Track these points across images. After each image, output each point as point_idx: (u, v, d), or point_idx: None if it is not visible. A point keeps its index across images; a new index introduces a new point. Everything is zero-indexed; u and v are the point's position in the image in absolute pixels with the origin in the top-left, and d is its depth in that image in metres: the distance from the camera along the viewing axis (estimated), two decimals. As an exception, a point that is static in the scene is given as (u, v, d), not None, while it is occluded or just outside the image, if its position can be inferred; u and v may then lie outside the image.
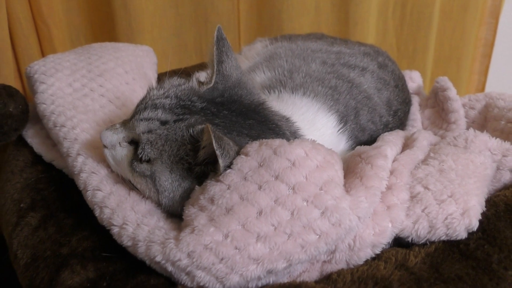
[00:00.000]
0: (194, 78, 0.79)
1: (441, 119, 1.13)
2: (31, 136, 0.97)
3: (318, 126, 0.89)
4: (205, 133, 0.67)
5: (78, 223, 0.79)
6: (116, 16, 1.59)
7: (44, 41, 1.55)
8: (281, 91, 0.97)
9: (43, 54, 1.56)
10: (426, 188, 0.74)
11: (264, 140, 0.70)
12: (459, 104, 1.11)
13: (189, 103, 0.74)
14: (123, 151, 0.75)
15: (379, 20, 1.98)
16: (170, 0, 1.67)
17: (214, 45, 0.78)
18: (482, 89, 2.43)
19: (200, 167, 0.71)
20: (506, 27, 2.28)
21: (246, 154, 0.68)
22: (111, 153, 0.76)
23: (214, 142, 0.64)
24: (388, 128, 1.00)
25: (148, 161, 0.72)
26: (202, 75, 1.21)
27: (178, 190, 0.72)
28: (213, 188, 0.66)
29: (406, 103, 1.09)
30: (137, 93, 1.06)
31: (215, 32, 0.79)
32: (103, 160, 0.79)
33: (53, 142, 0.93)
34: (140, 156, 0.72)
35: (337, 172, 0.69)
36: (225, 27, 1.77)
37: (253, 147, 0.69)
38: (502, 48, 2.33)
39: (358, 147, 0.81)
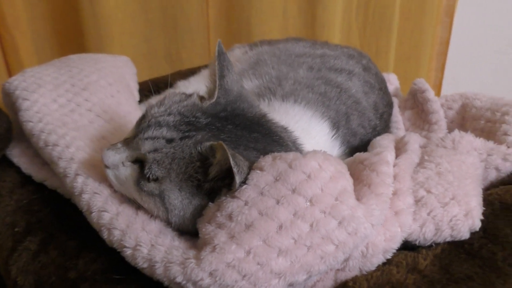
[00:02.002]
0: (195, 94, 0.78)
1: (421, 120, 1.16)
2: (17, 155, 0.93)
3: (313, 134, 0.91)
4: (218, 150, 0.67)
5: (82, 244, 0.76)
6: (84, 24, 1.56)
7: (9, 51, 1.50)
8: (271, 99, 0.98)
9: (7, 65, 1.51)
10: (429, 191, 0.76)
11: (276, 154, 0.71)
12: (438, 105, 1.15)
13: (193, 119, 0.74)
14: (127, 171, 0.74)
15: (344, 22, 2.03)
16: (139, 7, 1.65)
17: (215, 60, 0.78)
18: (439, 85, 2.53)
19: (209, 183, 0.71)
20: (460, 26, 2.38)
21: (261, 169, 0.68)
22: (114, 173, 0.74)
23: (231, 159, 0.64)
24: (376, 131, 1.03)
25: (156, 180, 0.71)
26: (184, 84, 1.21)
27: (188, 207, 0.71)
28: (230, 204, 0.66)
29: (390, 105, 1.12)
30: (123, 106, 1.04)
31: (216, 47, 0.78)
32: (104, 180, 0.77)
33: (42, 161, 0.90)
34: (148, 175, 0.71)
35: (349, 181, 0.70)
36: (195, 32, 1.77)
37: (267, 161, 0.69)
38: (456, 46, 2.42)
39: (358, 153, 0.83)
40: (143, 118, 0.77)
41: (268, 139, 0.77)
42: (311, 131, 0.91)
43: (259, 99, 0.98)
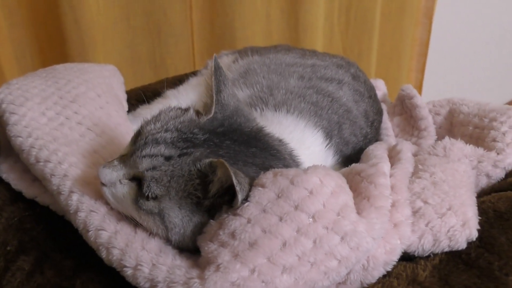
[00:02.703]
0: (191, 109, 0.78)
1: (410, 126, 1.18)
2: (5, 171, 0.91)
3: (307, 144, 0.91)
4: (219, 168, 0.66)
5: (79, 264, 0.75)
6: (66, 31, 1.53)
7: (-12, 60, 1.46)
8: (263, 109, 0.97)
9: (-13, 74, 1.47)
10: (425, 202, 0.77)
11: (277, 170, 0.70)
12: (427, 111, 1.16)
13: (191, 135, 0.73)
14: (124, 189, 0.73)
15: (326, 25, 2.04)
16: (121, 12, 1.63)
17: (212, 75, 0.77)
18: (420, 86, 2.56)
19: (209, 200, 0.70)
20: (439, 27, 2.41)
21: (263, 186, 0.68)
22: (111, 191, 0.73)
23: (233, 177, 0.63)
24: (367, 139, 1.03)
25: (155, 198, 0.70)
26: (173, 94, 1.20)
27: (188, 225, 0.70)
28: (233, 222, 0.65)
29: (380, 113, 1.13)
30: (113, 118, 1.02)
31: (212, 62, 0.77)
32: (100, 197, 0.76)
33: (32, 176, 0.88)
34: (147, 194, 0.70)
35: (349, 196, 0.70)
36: (178, 37, 1.75)
37: (268, 178, 0.69)
38: (436, 47, 2.46)
39: (354, 164, 0.83)
40: (138, 134, 0.76)
41: (266, 154, 0.76)
42: (305, 142, 0.91)
43: (251, 109, 0.98)
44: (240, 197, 0.65)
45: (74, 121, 0.95)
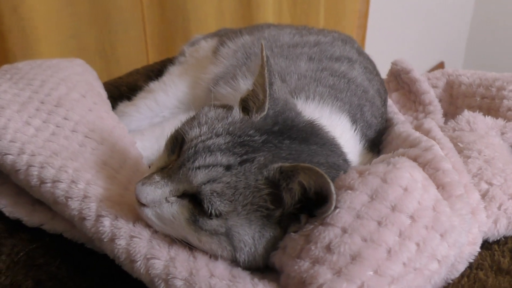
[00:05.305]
0: (236, 107, 0.67)
1: (411, 102, 1.14)
2: (-8, 197, 0.75)
3: (338, 132, 0.82)
4: (302, 174, 0.57)
5: (122, 301, 0.63)
6: (4, 21, 1.32)
7: None
8: None
9: None
10: (490, 184, 0.73)
11: (361, 168, 0.62)
12: (427, 84, 1.13)
13: (247, 138, 0.62)
14: (173, 208, 0.61)
15: (275, 2, 1.98)
16: (63, -2, 1.43)
17: (264, 65, 0.66)
18: (361, 58, 2.55)
19: (280, 211, 0.61)
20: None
21: (351, 188, 0.59)
22: (155, 211, 0.61)
23: (331, 184, 0.54)
24: (383, 119, 0.98)
25: (219, 215, 0.59)
26: (160, 87, 1.07)
27: (260, 242, 0.60)
28: (326, 234, 0.56)
29: (386, 90, 1.07)
30: (106, 120, 0.88)
31: (263, 52, 0.66)
32: (137, 219, 0.64)
33: (31, 200, 0.73)
34: (210, 211, 0.59)
35: (435, 187, 0.64)
36: (129, 22, 1.60)
37: (353, 178, 0.60)
38: (374, 18, 2.48)
39: (402, 150, 0.75)
40: (175, 141, 0.64)
41: (326, 150, 0.68)
42: (336, 129, 0.82)
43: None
44: (333, 204, 0.56)
45: (67, 129, 0.80)
